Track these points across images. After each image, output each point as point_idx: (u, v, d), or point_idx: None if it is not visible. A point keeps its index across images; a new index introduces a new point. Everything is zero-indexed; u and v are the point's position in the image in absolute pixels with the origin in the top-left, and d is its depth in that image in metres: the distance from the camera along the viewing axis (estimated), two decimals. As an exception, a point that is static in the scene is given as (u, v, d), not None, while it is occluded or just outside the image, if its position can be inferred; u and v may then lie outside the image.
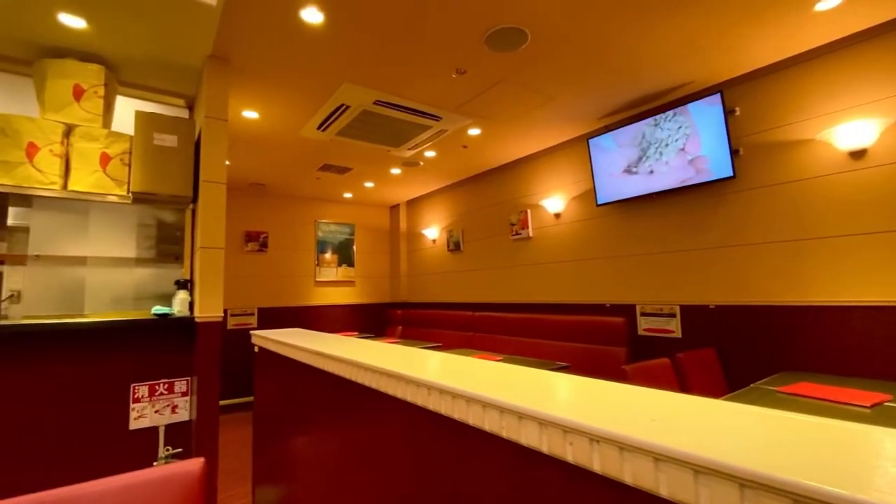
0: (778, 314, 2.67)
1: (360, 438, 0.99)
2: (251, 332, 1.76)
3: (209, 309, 2.37)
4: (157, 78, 2.76)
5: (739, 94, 2.89)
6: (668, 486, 0.40)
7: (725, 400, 0.55)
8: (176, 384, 2.45)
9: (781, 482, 0.34)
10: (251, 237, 5.42)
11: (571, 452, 0.47)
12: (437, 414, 0.69)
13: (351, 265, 6.21)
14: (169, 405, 2.43)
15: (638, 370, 2.42)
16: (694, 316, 3.05)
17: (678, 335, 3.12)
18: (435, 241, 5.79)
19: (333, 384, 1.12)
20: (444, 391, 0.66)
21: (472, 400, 0.61)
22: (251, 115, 3.28)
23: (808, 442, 0.39)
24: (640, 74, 2.85)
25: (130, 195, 2.43)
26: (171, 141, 2.48)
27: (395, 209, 6.62)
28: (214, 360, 2.36)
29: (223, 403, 4.94)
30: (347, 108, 3.16)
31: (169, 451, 2.41)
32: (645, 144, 3.25)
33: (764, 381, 1.97)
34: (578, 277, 3.86)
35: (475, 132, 3.76)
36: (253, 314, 5.31)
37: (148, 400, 2.38)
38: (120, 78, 2.70)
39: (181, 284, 2.51)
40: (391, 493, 0.85)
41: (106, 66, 2.51)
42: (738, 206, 2.88)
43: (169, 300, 2.48)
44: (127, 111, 2.70)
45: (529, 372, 0.74)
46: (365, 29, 2.28)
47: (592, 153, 3.61)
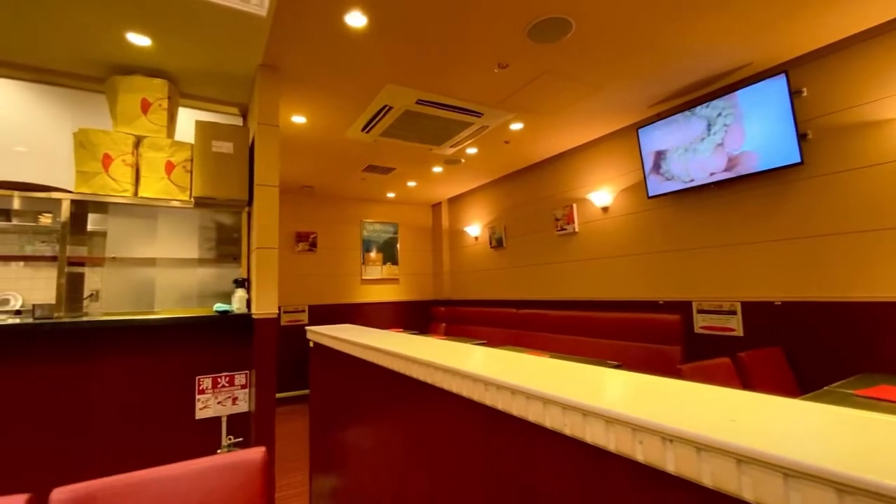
0: (853, 311, 2.45)
1: (414, 431, 1.00)
2: (306, 328, 1.83)
3: (265, 306, 2.48)
4: (213, 88, 2.92)
5: (806, 73, 2.68)
6: (753, 489, 0.37)
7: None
8: (236, 377, 2.59)
9: (889, 489, 0.31)
10: (301, 237, 5.64)
11: (642, 451, 0.45)
12: (494, 409, 0.69)
13: (395, 263, 6.32)
14: (230, 397, 2.58)
15: (695, 370, 2.30)
16: (757, 313, 2.86)
17: (739, 333, 2.94)
18: (477, 238, 5.78)
19: (387, 378, 1.15)
20: (501, 387, 0.65)
21: (532, 396, 0.60)
22: (299, 119, 3.41)
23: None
24: (693, 59, 2.70)
25: (192, 200, 2.59)
26: (227, 148, 2.61)
27: (436, 207, 6.66)
28: (271, 354, 2.47)
29: (278, 396, 5.18)
30: (390, 108, 3.21)
31: (231, 440, 2.56)
32: (700, 132, 3.08)
33: (839, 383, 1.81)
34: (629, 273, 3.73)
35: (517, 127, 3.71)
36: (304, 311, 5.53)
37: (211, 392, 2.53)
38: (181, 90, 2.88)
39: (239, 283, 2.64)
40: (447, 485, 0.85)
41: (169, 79, 2.69)
42: (806, 194, 2.67)
43: (229, 298, 2.62)
44: (187, 121, 2.88)
45: (590, 368, 0.72)
46: (407, 29, 2.31)
47: (643, 143, 3.46)
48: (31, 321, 2.12)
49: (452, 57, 2.59)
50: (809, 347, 2.62)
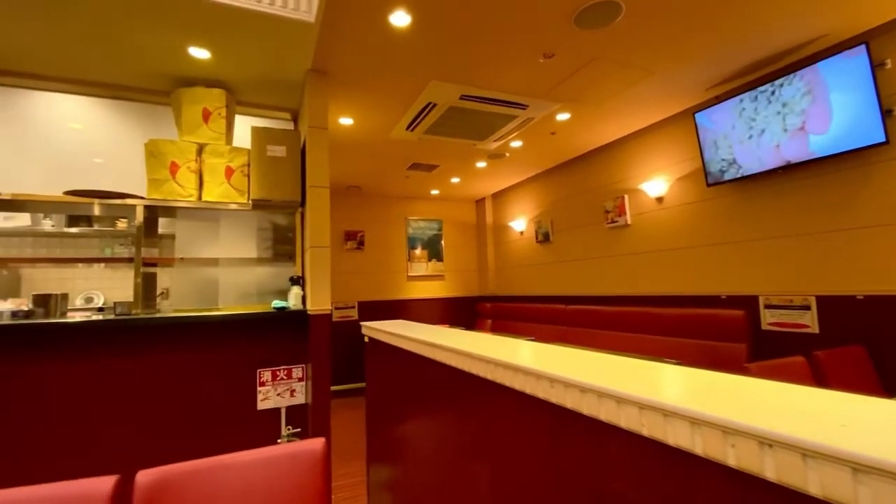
0: (954, 305, 2.19)
1: (473, 427, 1.00)
2: (361, 323, 1.88)
3: (319, 303, 2.57)
4: (266, 95, 3.05)
5: (889, 43, 2.41)
6: (873, 501, 0.34)
7: None
8: (293, 370, 2.71)
9: None
10: (350, 236, 5.80)
11: (734, 456, 0.42)
12: (560, 407, 0.67)
13: (440, 260, 6.36)
14: (288, 389, 2.69)
15: (764, 369, 2.15)
16: (835, 308, 2.63)
17: (814, 330, 2.71)
18: (522, 233, 5.70)
19: (444, 373, 1.15)
20: (569, 384, 0.64)
21: (604, 395, 0.57)
22: (346, 121, 3.49)
23: None
24: (758, 34, 2.51)
25: (250, 202, 2.73)
26: (281, 151, 2.72)
27: (480, 203, 6.63)
28: (325, 349, 2.56)
29: (332, 389, 5.35)
30: (434, 105, 3.22)
31: (290, 430, 2.67)
32: (767, 112, 2.86)
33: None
34: (686, 266, 3.54)
35: (564, 117, 3.61)
36: (353, 307, 5.69)
37: (271, 384, 2.66)
38: (237, 99, 3.03)
39: (294, 281, 2.75)
40: (510, 482, 0.84)
41: (226, 89, 2.84)
42: (891, 176, 2.41)
43: (285, 295, 2.74)
44: (243, 128, 3.03)
45: (659, 366, 0.68)
46: (450, 24, 2.30)
47: (700, 128, 3.26)
48: (112, 317, 2.31)
49: (496, 49, 2.55)
50: (899, 345, 2.37)
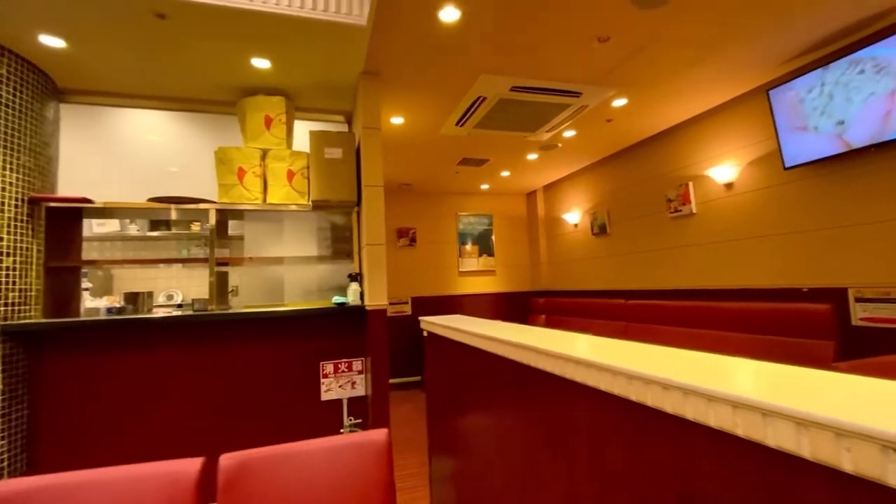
0: None
1: (542, 423, 0.98)
2: (420, 318, 1.92)
3: (376, 298, 2.65)
4: (321, 99, 3.17)
5: None
6: None
7: None
8: (354, 363, 2.81)
9: None
10: (402, 233, 5.91)
11: (850, 460, 0.38)
12: (639, 405, 0.64)
13: (491, 255, 6.33)
14: (349, 381, 2.80)
15: (856, 368, 1.95)
16: (943, 300, 2.33)
17: (917, 325, 2.42)
18: (577, 225, 5.53)
19: (509, 368, 1.15)
20: (650, 381, 0.61)
21: (690, 392, 0.54)
22: (398, 120, 3.55)
23: None
24: (843, -3, 2.26)
25: (310, 203, 2.85)
26: (337, 153, 2.82)
27: (531, 196, 6.51)
28: (383, 342, 2.63)
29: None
30: (484, 99, 3.19)
31: (352, 420, 2.78)
32: (851, 88, 2.57)
33: None
34: (759, 257, 3.27)
35: (620, 103, 3.45)
36: (407, 303, 5.80)
37: (333, 376, 2.77)
38: (295, 105, 3.17)
39: (353, 277, 2.85)
40: (585, 482, 0.82)
41: (285, 96, 2.98)
42: None
43: (344, 291, 2.84)
44: (301, 132, 3.17)
45: (745, 362, 0.63)
46: (500, 15, 2.26)
47: (775, 106, 3.00)
48: (191, 313, 2.51)
49: (548, 37, 2.48)
50: None
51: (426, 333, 1.84)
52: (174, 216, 3.27)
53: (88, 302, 3.02)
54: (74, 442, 2.35)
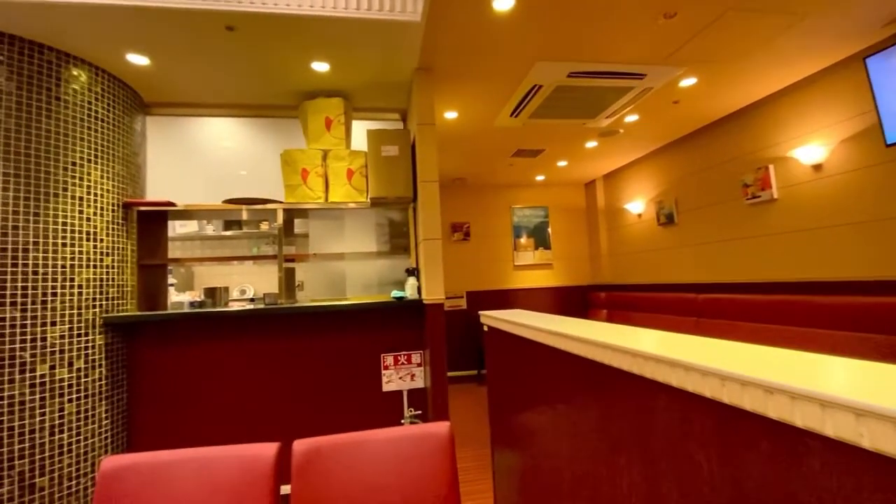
0: None
1: (616, 422, 0.94)
2: (480, 312, 1.92)
3: (433, 292, 2.67)
4: (377, 98, 3.23)
5: None
6: None
7: None
8: (413, 356, 2.86)
9: None
10: (456, 228, 5.93)
11: None
12: (733, 408, 0.59)
13: (547, 248, 6.17)
14: (409, 373, 2.85)
15: None
16: None
17: None
18: (640, 215, 5.25)
19: (578, 364, 1.10)
20: (747, 383, 0.55)
21: (798, 396, 0.49)
22: (451, 115, 3.55)
23: None
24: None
25: (369, 201, 2.92)
26: (393, 151, 2.86)
27: (590, 186, 6.27)
28: (440, 336, 2.65)
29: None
30: (540, 87, 3.10)
31: (412, 412, 2.83)
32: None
33: None
34: (854, 246, 2.92)
35: (689, 82, 3.22)
36: (462, 297, 5.82)
37: (393, 368, 2.84)
38: (353, 105, 3.26)
39: (410, 272, 2.89)
40: (669, 488, 0.77)
41: (343, 97, 3.06)
42: None
43: (402, 285, 2.89)
44: (358, 131, 3.25)
45: (870, 365, 0.56)
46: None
47: (874, 76, 2.65)
48: (262, 307, 2.67)
49: (608, 18, 2.36)
50: None
51: (486, 328, 1.83)
52: (245, 216, 3.48)
53: (174, 296, 3.31)
54: (164, 423, 2.59)
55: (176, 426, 2.60)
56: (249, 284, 4.45)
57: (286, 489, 1.00)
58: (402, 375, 2.84)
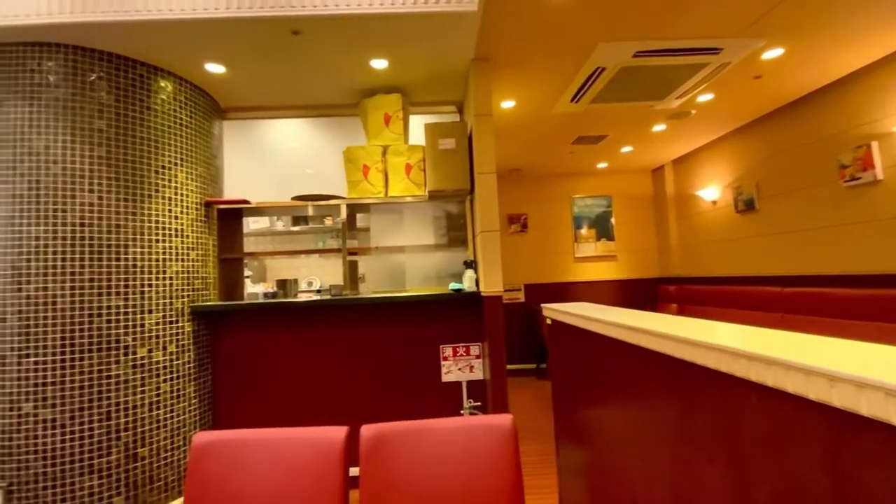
0: None
1: (697, 423, 0.88)
2: (542, 305, 1.88)
3: (491, 285, 2.65)
4: (433, 92, 3.24)
5: None
6: None
7: None
8: (471, 348, 2.86)
9: None
10: (513, 219, 5.85)
11: None
12: (846, 413, 0.52)
13: (610, 239, 5.91)
14: (468, 365, 2.86)
15: None
16: None
17: None
18: (715, 202, 4.87)
19: (653, 360, 1.05)
20: (863, 384, 0.49)
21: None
22: (508, 104, 3.48)
23: None
24: None
25: (427, 194, 2.95)
26: (450, 144, 2.86)
27: (658, 172, 5.90)
28: (499, 328, 2.63)
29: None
30: (603, 70, 2.95)
31: (471, 403, 2.85)
32: None
33: None
34: None
35: (774, 54, 2.91)
36: (520, 290, 5.74)
37: (452, 359, 2.87)
38: (410, 100, 3.30)
39: (468, 264, 2.89)
40: (760, 497, 0.71)
41: (401, 92, 3.11)
42: None
43: (460, 278, 2.90)
44: (416, 126, 3.29)
45: None
46: (623, -27, 2.05)
47: None
48: (329, 298, 2.80)
49: (680, -11, 2.19)
50: None
51: (549, 321, 1.79)
52: (311, 212, 3.65)
53: (249, 288, 3.57)
54: (242, 403, 2.81)
55: (252, 406, 2.81)
56: (316, 277, 4.69)
57: (354, 471, 1.04)
58: (460, 367, 2.87)
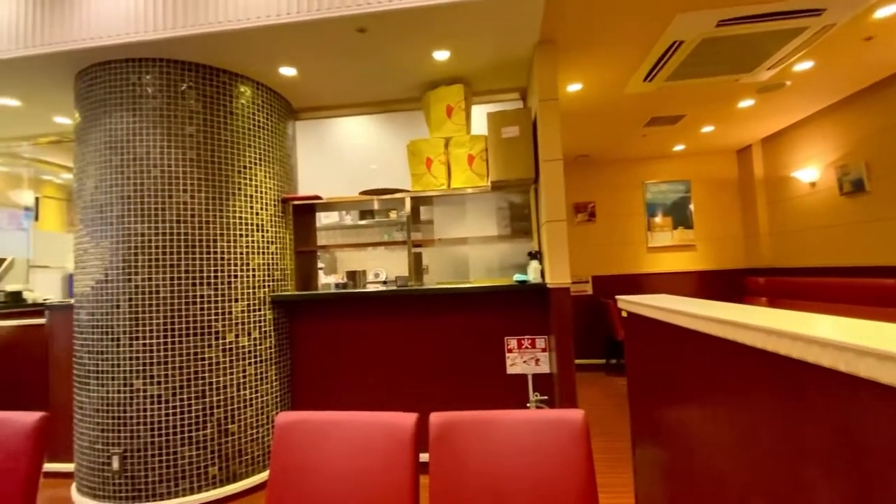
0: None
1: (808, 428, 0.79)
2: (617, 297, 1.79)
3: (558, 276, 2.57)
4: (495, 80, 3.18)
5: None
6: None
7: None
8: (537, 341, 2.81)
9: None
10: (579, 208, 5.63)
11: None
12: None
13: (688, 227, 5.49)
14: (533, 358, 2.81)
15: None
16: None
17: None
18: (814, 184, 4.34)
19: (750, 358, 0.96)
20: None
21: None
22: (575, 87, 3.34)
23: None
24: None
25: (489, 184, 2.92)
26: (514, 132, 2.80)
27: (744, 153, 5.37)
28: (567, 321, 2.55)
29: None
30: (681, 44, 2.72)
31: (537, 396, 2.79)
32: None
33: None
34: None
35: (889, 11, 2.51)
36: (587, 282, 5.53)
37: (517, 351, 2.83)
38: (472, 90, 3.26)
39: (533, 255, 2.83)
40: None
41: (463, 83, 3.08)
42: None
43: (524, 269, 2.85)
44: (478, 116, 3.25)
45: None
46: (705, -67, 1.86)
47: None
48: (395, 289, 2.88)
49: (774, -56, 1.94)
50: None
51: (625, 314, 1.70)
52: (377, 206, 3.76)
53: (322, 279, 3.77)
54: (317, 386, 2.99)
55: (326, 389, 2.97)
56: (382, 268, 4.85)
57: (424, 457, 1.06)
58: (525, 359, 2.82)
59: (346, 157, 3.84)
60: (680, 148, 5.24)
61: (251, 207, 2.82)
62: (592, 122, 4.14)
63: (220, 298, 2.62)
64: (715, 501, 1.16)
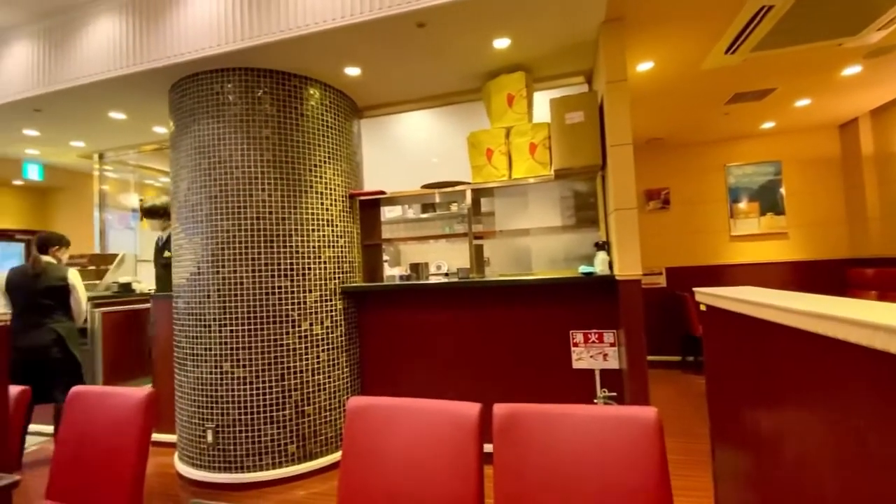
0: None
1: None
2: (694, 289, 1.67)
3: (628, 268, 2.45)
4: (558, 65, 3.07)
5: None
6: None
7: None
8: (605, 335, 2.70)
9: None
10: (652, 195, 5.29)
11: None
12: None
13: (779, 213, 4.96)
14: (600, 353, 2.71)
15: None
16: None
17: None
18: (939, 159, 3.73)
19: (856, 358, 0.85)
20: None
21: None
22: (645, 66, 3.13)
23: None
24: None
25: (553, 173, 2.84)
26: (578, 117, 2.69)
27: (849, 127, 4.74)
28: (638, 315, 2.43)
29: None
30: (770, 8, 2.45)
31: (605, 392, 2.69)
32: None
33: None
34: None
35: None
36: (661, 274, 5.21)
37: (584, 346, 2.74)
38: (534, 77, 3.17)
39: (600, 246, 2.71)
40: None
41: (524, 70, 3.01)
42: None
43: (590, 260, 2.74)
44: (540, 103, 3.16)
45: None
46: None
47: None
48: (457, 280, 2.90)
49: None
50: None
51: (704, 308, 1.58)
52: (438, 199, 3.80)
53: (387, 271, 3.90)
54: (384, 373, 3.10)
55: (392, 377, 3.08)
56: (444, 260, 4.91)
57: (488, 447, 1.06)
58: (592, 354, 2.72)
59: (408, 151, 3.92)
60: (769, 126, 4.73)
61: (322, 203, 2.97)
62: (666, 102, 3.86)
63: (295, 289, 2.81)
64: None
